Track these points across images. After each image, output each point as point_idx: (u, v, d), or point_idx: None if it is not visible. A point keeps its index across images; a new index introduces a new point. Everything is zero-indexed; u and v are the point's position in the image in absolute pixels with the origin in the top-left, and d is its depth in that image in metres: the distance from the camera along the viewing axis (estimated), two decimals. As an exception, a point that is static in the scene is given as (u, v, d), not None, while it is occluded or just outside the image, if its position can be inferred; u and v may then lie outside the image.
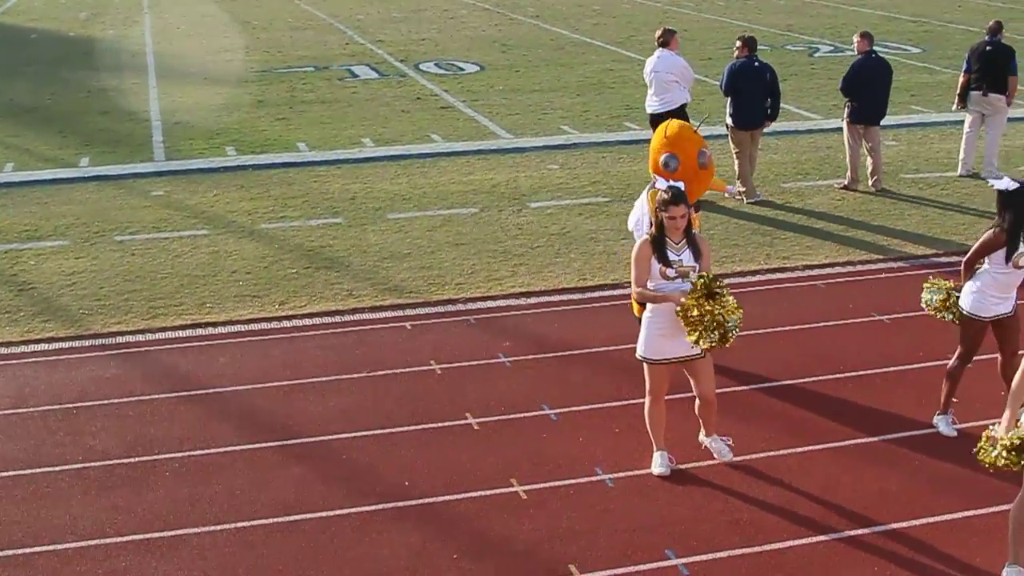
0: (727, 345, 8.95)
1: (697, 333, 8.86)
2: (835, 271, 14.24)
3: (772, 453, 9.76)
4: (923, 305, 10.19)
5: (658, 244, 9.14)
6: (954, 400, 10.13)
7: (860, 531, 8.63)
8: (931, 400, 10.33)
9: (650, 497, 9.11)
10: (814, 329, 12.47)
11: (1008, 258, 9.42)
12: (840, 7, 40.99)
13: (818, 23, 36.49)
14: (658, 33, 17.43)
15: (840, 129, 18.34)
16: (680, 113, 17.09)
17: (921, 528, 8.67)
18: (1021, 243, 9.41)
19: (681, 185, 9.46)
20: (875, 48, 17.73)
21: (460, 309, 13.08)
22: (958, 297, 9.87)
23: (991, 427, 7.65)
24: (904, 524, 8.71)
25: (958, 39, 29.89)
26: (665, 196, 9.11)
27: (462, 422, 10.35)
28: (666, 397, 9.46)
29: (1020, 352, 9.79)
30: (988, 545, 8.34)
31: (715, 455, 9.64)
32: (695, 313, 8.84)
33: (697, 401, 9.51)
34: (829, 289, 13.69)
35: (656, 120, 16.69)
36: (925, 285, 10.24)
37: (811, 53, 30.64)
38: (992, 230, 9.52)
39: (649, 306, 9.26)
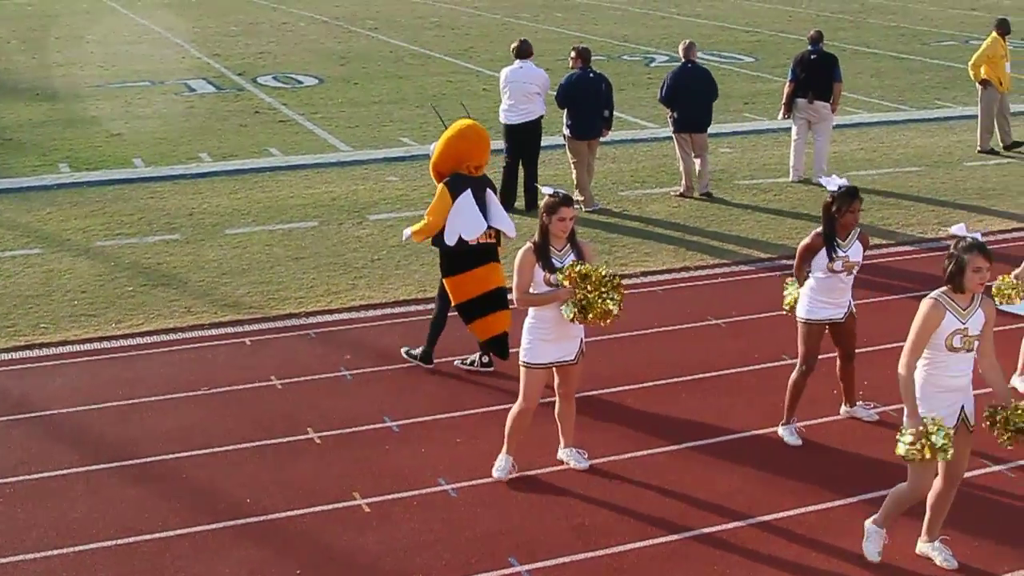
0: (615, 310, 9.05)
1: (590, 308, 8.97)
2: (673, 277, 14.47)
3: (614, 457, 9.87)
4: (784, 306, 10.36)
5: (542, 251, 9.17)
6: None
7: (700, 531, 8.76)
8: (768, 402, 10.53)
9: (493, 505, 9.15)
10: (653, 334, 12.64)
11: (831, 260, 9.65)
12: (675, 17, 41.67)
13: (654, 33, 37.04)
14: (515, 44, 17.48)
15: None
16: (537, 125, 17.23)
17: (759, 526, 8.84)
18: (838, 249, 9.65)
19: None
20: (704, 57, 18.06)
21: (300, 323, 13.00)
22: None
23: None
24: (742, 523, 8.86)
25: (789, 48, 30.57)
26: (554, 199, 9.14)
27: (303, 437, 10.28)
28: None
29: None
30: (824, 540, 8.54)
31: (575, 467, 9.71)
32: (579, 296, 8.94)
33: (559, 404, 9.59)
34: (667, 295, 13.90)
35: (512, 131, 16.78)
36: (784, 283, 10.42)
37: (647, 63, 31.09)
38: (812, 233, 9.77)
39: (531, 312, 9.28)
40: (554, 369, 9.40)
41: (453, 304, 11.32)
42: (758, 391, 11.02)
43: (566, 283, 8.93)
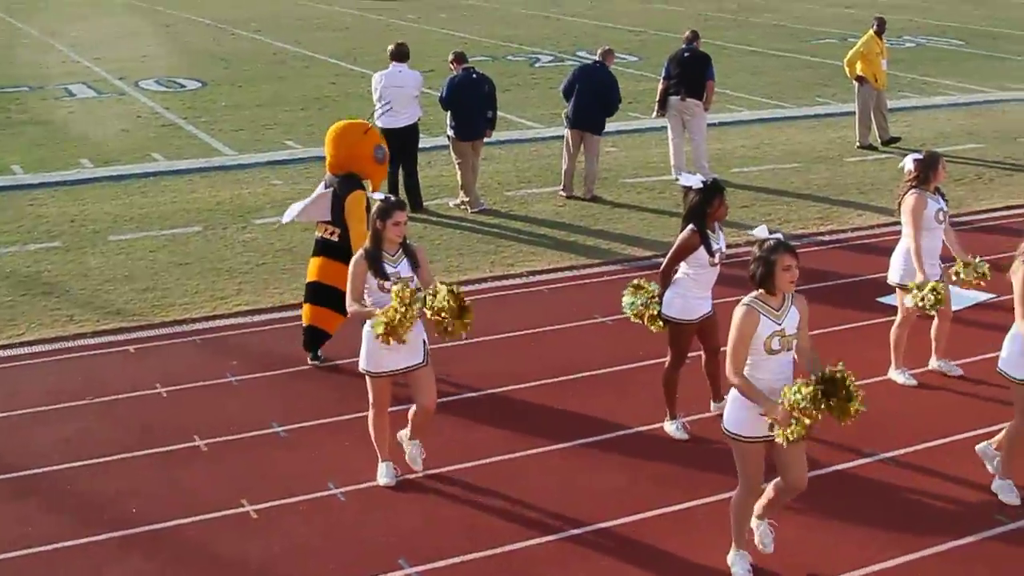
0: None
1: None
2: (558, 276, 14.57)
3: (502, 457, 9.92)
4: (624, 309, 10.33)
5: (373, 258, 9.12)
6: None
7: (589, 528, 8.84)
8: (656, 397, 10.65)
9: (382, 508, 9.15)
10: (539, 333, 12.72)
11: (710, 253, 9.80)
12: (560, 18, 41.87)
13: (538, 34, 37.19)
14: (392, 47, 17.42)
15: (562, 137, 18.72)
16: (416, 128, 17.21)
17: (648, 521, 8.95)
18: (713, 240, 9.81)
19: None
20: (589, 57, 18.20)
21: (185, 330, 12.88)
22: (660, 304, 10.11)
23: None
24: (631, 519, 8.97)
25: (673, 47, 30.75)
26: (386, 204, 9.13)
27: (190, 444, 10.19)
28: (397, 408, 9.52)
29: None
30: (709, 535, 8.65)
31: (407, 459, 9.67)
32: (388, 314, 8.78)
33: (414, 408, 9.50)
34: (553, 294, 13.99)
35: (390, 135, 16.64)
36: (628, 289, 10.39)
37: (532, 63, 31.22)
38: (686, 232, 9.88)
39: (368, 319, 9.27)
40: (406, 377, 9.33)
41: None
42: (645, 387, 11.11)
43: (395, 301, 8.75)
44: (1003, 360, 9.05)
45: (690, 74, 18.92)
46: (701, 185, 9.82)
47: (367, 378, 9.32)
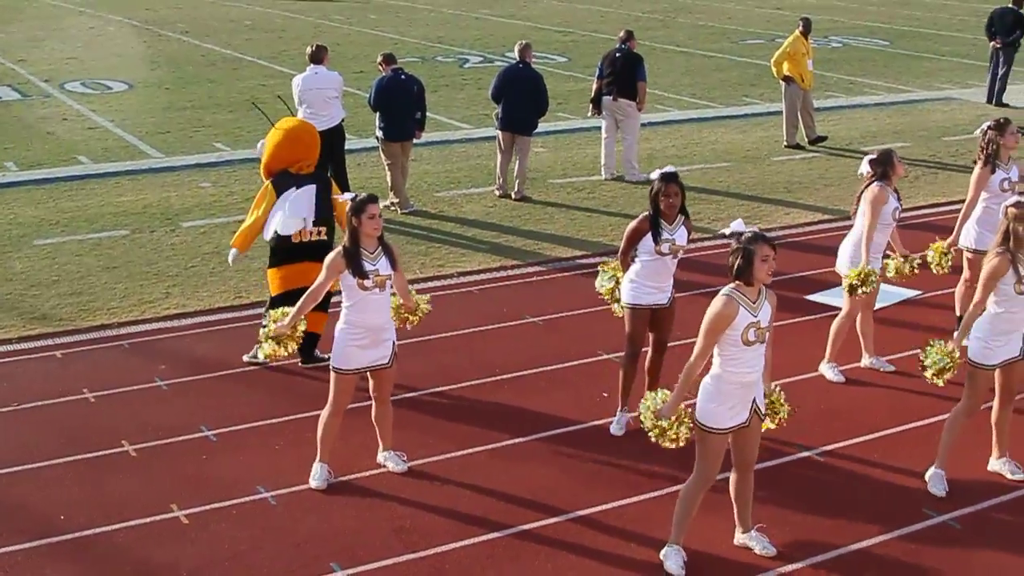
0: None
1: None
2: (489, 276, 14.58)
3: (434, 458, 9.92)
4: (597, 289, 10.57)
5: (352, 256, 9.11)
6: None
7: (521, 528, 8.86)
8: (585, 396, 10.69)
9: (314, 511, 9.12)
10: (471, 334, 12.73)
11: (656, 242, 9.87)
12: (489, 19, 41.89)
13: (468, 35, 37.19)
14: (311, 49, 17.33)
15: (493, 138, 18.73)
16: (341, 129, 17.14)
17: (579, 520, 8.99)
18: (664, 231, 9.86)
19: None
20: (512, 57, 18.20)
21: (113, 335, 12.75)
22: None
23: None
24: (562, 518, 9.00)
25: (602, 47, 30.86)
26: (357, 199, 9.12)
27: (118, 450, 10.09)
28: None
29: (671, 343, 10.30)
30: (643, 532, 8.71)
31: (392, 468, 9.72)
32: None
33: (375, 408, 9.59)
34: (484, 294, 14.00)
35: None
36: (600, 268, 10.62)
37: (461, 64, 31.20)
38: (640, 217, 9.97)
39: (343, 316, 9.28)
40: (368, 373, 9.40)
41: (270, 296, 11.46)
42: (575, 386, 11.18)
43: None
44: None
45: (622, 74, 19.01)
46: (658, 175, 9.94)
47: (333, 375, 9.31)
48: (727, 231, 7.99)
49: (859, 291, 10.97)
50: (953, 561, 8.54)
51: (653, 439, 8.13)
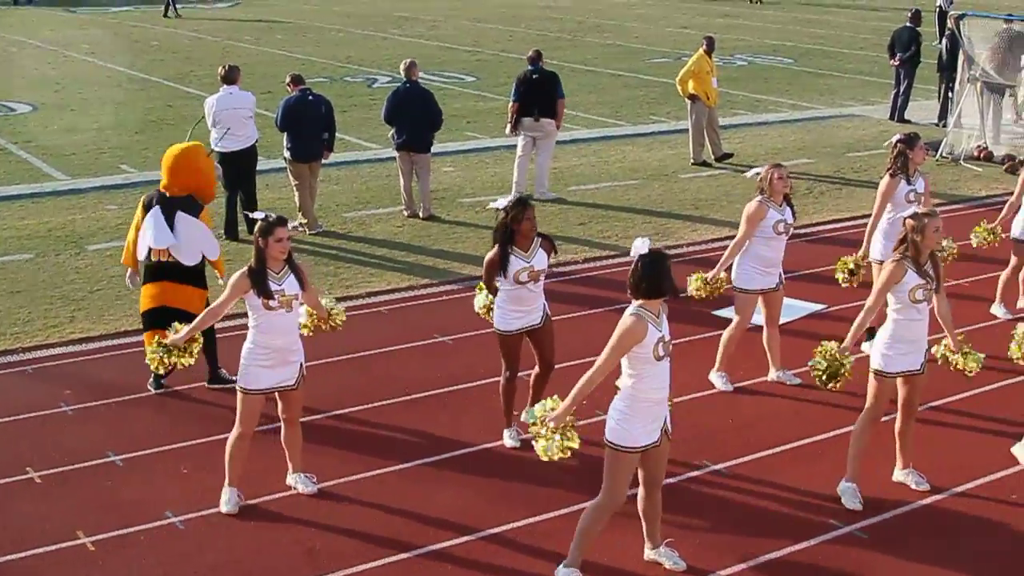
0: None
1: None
2: (398, 296, 14.58)
3: (345, 479, 9.91)
4: (476, 309, 10.76)
5: (258, 276, 9.06)
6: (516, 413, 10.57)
7: (431, 547, 8.88)
8: (494, 415, 10.72)
9: (223, 535, 9.06)
10: (380, 354, 12.71)
11: (504, 275, 9.93)
12: (398, 39, 41.86)
13: (376, 55, 37.12)
14: (224, 69, 17.20)
15: (399, 157, 18.74)
16: (254, 150, 17.03)
17: (490, 538, 9.03)
18: (520, 260, 9.91)
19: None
20: (427, 77, 18.21)
21: (17, 360, 12.57)
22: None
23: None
24: (471, 537, 9.02)
25: (511, 67, 31.04)
26: (267, 222, 9.06)
27: (22, 477, 9.95)
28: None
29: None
30: (553, 547, 8.74)
31: (301, 490, 9.68)
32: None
33: (284, 430, 9.55)
34: (393, 314, 13.99)
35: (230, 159, 16.41)
36: (477, 288, 10.77)
37: (370, 84, 31.15)
38: (494, 250, 10.02)
39: (250, 337, 9.23)
40: (276, 394, 9.36)
41: None
42: (484, 405, 11.19)
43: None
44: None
45: (541, 94, 19.04)
46: (504, 204, 9.96)
47: (240, 395, 9.24)
48: (632, 251, 8.03)
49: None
50: (860, 571, 8.66)
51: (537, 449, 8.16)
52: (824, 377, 9.35)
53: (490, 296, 10.43)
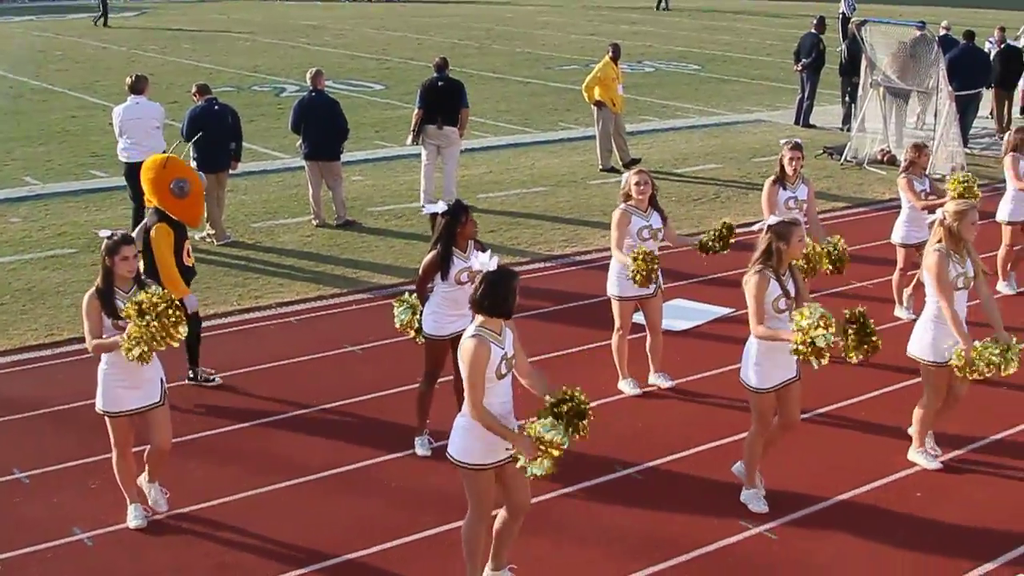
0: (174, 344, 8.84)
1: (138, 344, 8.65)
2: (308, 306, 14.51)
3: (251, 492, 9.84)
4: (396, 324, 10.66)
5: (105, 296, 8.89)
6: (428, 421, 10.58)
7: (343, 558, 8.86)
8: (404, 425, 10.71)
9: (131, 551, 8.98)
10: (290, 365, 12.65)
11: (445, 277, 9.97)
12: (306, 48, 41.70)
13: (284, 63, 36.96)
14: (131, 79, 17.00)
15: (308, 166, 18.67)
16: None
17: (397, 548, 9.01)
18: (455, 259, 9.97)
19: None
20: (335, 86, 18.16)
21: (-81, 377, 12.39)
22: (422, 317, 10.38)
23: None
24: (385, 546, 9.02)
25: (419, 75, 30.93)
26: (112, 240, 8.89)
27: (-75, 496, 9.82)
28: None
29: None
30: (462, 558, 8.74)
31: (151, 503, 9.54)
32: (135, 333, 8.61)
33: (150, 448, 9.37)
34: (303, 324, 13.94)
35: (134, 169, 16.19)
36: (395, 302, 10.74)
37: (277, 93, 30.99)
38: (432, 252, 10.06)
39: (104, 358, 9.05)
40: (144, 415, 9.17)
41: None
42: (395, 415, 11.18)
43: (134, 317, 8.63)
44: (742, 368, 9.43)
45: (446, 102, 19.05)
46: (446, 208, 10.02)
47: (106, 419, 9.12)
48: (475, 266, 7.97)
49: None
50: (769, 571, 8.77)
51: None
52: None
53: (415, 310, 10.44)
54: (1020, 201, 14.64)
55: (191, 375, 11.90)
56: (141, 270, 9.22)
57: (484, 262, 7.87)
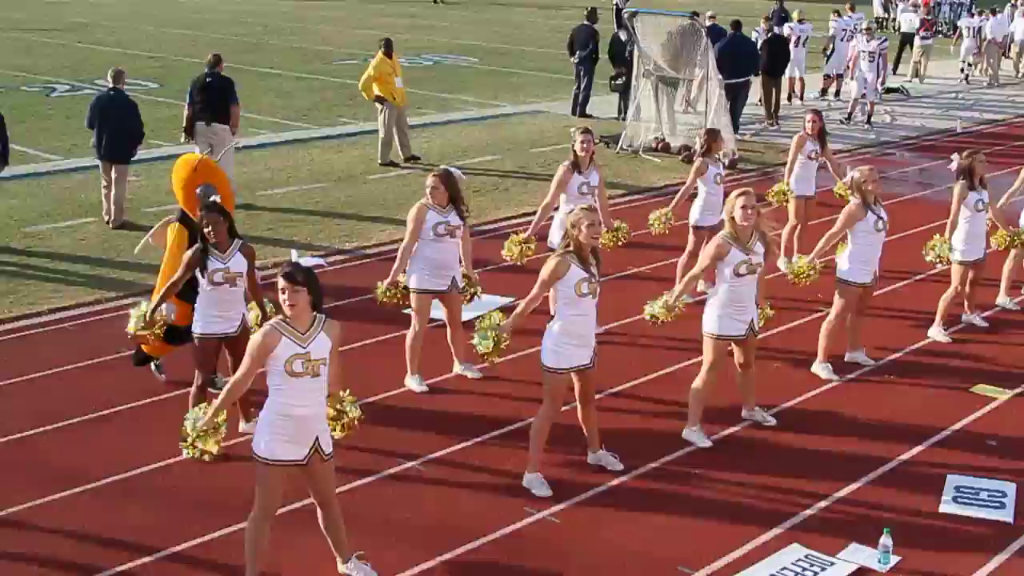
0: None
1: None
2: (84, 311, 14.19)
3: (30, 504, 9.62)
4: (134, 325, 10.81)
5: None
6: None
7: (121, 567, 8.73)
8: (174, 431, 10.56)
9: None
10: (67, 371, 12.37)
11: (204, 272, 10.20)
12: (77, 46, 40.59)
13: (55, 62, 35.92)
14: None
15: (85, 168, 18.23)
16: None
17: (181, 554, 8.94)
18: (211, 259, 10.14)
19: None
20: (101, 84, 17.80)
21: None
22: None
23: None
24: (165, 552, 8.94)
25: (193, 72, 30.49)
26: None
27: None
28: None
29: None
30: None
31: None
32: None
33: None
34: (80, 329, 13.63)
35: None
36: (131, 309, 10.93)
37: (48, 93, 30.13)
38: (191, 250, 10.35)
39: None
40: None
41: None
42: (175, 419, 10.97)
43: None
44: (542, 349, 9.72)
45: (214, 99, 18.89)
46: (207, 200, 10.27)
47: None
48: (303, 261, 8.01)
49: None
50: (555, 555, 8.94)
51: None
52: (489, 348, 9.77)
53: (148, 314, 10.57)
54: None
55: None
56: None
57: (310, 259, 8.03)
